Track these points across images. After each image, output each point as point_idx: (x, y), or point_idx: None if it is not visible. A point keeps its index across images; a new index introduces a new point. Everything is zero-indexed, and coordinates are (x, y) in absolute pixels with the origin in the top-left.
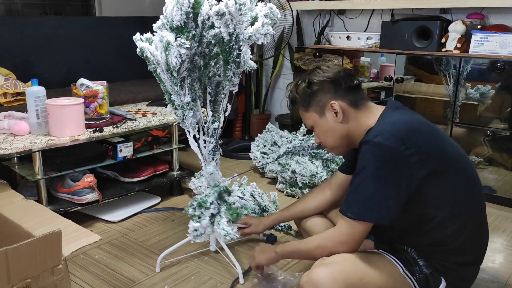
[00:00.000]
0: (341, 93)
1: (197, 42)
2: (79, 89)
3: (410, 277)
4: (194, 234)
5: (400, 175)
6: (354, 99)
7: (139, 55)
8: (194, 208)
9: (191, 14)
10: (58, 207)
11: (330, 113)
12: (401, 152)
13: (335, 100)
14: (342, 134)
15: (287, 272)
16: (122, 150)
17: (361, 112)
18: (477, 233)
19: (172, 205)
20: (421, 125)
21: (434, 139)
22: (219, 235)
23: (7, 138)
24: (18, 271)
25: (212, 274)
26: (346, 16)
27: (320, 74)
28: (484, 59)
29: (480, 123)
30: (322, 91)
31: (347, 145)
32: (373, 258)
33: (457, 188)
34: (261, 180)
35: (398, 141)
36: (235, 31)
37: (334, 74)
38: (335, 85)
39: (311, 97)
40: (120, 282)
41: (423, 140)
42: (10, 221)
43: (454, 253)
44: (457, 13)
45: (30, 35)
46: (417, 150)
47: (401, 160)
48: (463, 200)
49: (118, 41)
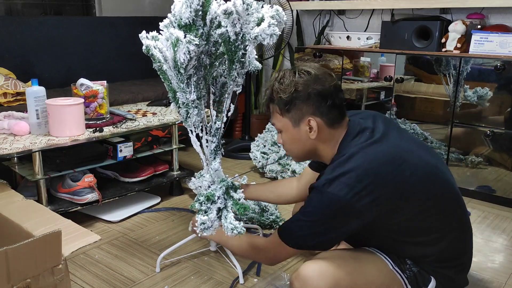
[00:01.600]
0: (323, 109)
1: (205, 41)
2: (79, 89)
3: (400, 274)
4: (202, 227)
5: (345, 221)
6: (333, 118)
7: (145, 52)
8: (201, 202)
9: (200, 12)
10: (58, 207)
11: (305, 127)
12: (348, 201)
13: (314, 117)
14: (310, 149)
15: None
16: (122, 150)
17: (334, 133)
18: (459, 242)
19: (172, 205)
20: (379, 162)
21: (394, 175)
22: (227, 229)
23: (7, 138)
24: (18, 271)
25: (212, 274)
26: (346, 16)
27: (309, 82)
28: (484, 59)
29: (480, 123)
30: (305, 103)
31: (310, 157)
32: (362, 255)
33: (428, 215)
34: (261, 180)
35: (345, 190)
36: (241, 31)
37: (324, 89)
38: (320, 100)
39: (291, 105)
40: (120, 282)
41: (376, 182)
42: (10, 221)
43: (438, 261)
44: (457, 13)
45: (30, 35)
46: (369, 192)
47: (347, 208)
48: (436, 224)
49: (118, 41)
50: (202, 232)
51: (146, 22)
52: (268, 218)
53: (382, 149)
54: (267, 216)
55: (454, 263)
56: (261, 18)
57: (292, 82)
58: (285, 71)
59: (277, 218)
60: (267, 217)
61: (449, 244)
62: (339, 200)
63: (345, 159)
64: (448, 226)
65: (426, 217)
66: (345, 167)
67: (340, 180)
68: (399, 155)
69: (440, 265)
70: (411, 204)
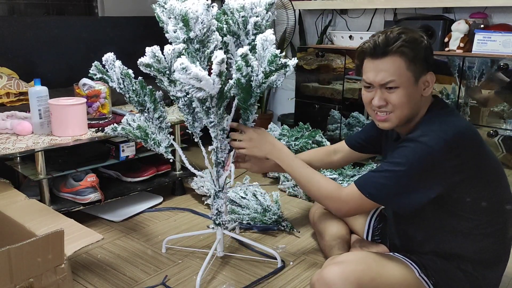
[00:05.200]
0: (434, 68)
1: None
2: (81, 89)
3: (426, 281)
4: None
5: (432, 178)
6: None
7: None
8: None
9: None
10: (61, 207)
11: (422, 83)
12: (440, 156)
13: (431, 72)
14: (416, 110)
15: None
16: (125, 149)
17: (429, 96)
18: (499, 245)
19: (174, 205)
20: (467, 130)
21: (476, 146)
22: None
23: (10, 138)
24: (20, 270)
25: (214, 274)
26: (348, 15)
27: (425, 39)
28: (487, 59)
29: (483, 122)
30: (427, 56)
31: (403, 123)
32: (387, 260)
33: (490, 196)
34: (264, 180)
35: (441, 143)
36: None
37: (432, 49)
38: (433, 58)
39: (420, 53)
40: (122, 282)
41: (466, 145)
42: (13, 220)
43: (472, 262)
44: (460, 13)
45: (32, 35)
46: (457, 154)
47: (437, 163)
48: (493, 209)
49: (120, 41)
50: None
51: (148, 22)
52: (270, 218)
53: (470, 124)
54: (269, 216)
55: (491, 266)
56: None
57: (418, 35)
58: (390, 28)
59: (280, 218)
60: (270, 216)
61: (491, 245)
62: (432, 153)
63: (443, 118)
64: (497, 223)
65: (489, 203)
66: (443, 125)
67: (438, 134)
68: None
69: (474, 266)
70: (482, 181)
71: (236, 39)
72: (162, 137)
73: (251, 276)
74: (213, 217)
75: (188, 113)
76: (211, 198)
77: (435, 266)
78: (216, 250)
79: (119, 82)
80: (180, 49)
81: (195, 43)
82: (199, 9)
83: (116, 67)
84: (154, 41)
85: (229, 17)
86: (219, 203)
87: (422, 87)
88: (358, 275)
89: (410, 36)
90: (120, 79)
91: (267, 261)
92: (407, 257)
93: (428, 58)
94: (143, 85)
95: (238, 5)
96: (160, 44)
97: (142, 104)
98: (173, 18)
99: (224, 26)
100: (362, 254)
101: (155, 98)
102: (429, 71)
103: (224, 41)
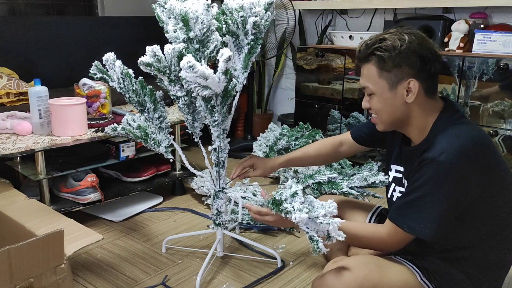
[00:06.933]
0: (423, 74)
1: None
2: (81, 89)
3: (428, 284)
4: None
5: (457, 192)
6: (430, 86)
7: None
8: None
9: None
10: (61, 207)
11: (402, 90)
12: (463, 170)
13: (415, 79)
14: (401, 116)
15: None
16: (125, 149)
17: (429, 102)
18: (508, 248)
19: (174, 205)
20: (483, 139)
21: (493, 155)
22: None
23: (10, 138)
24: (20, 270)
25: (214, 274)
26: (348, 15)
27: (414, 42)
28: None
29: (483, 122)
30: (407, 63)
31: (395, 127)
32: (389, 264)
33: (501, 206)
34: (264, 180)
35: (462, 158)
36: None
37: (428, 53)
38: (423, 64)
39: (392, 64)
40: (122, 282)
41: (484, 157)
42: (13, 220)
43: (479, 267)
44: (460, 13)
45: (32, 35)
46: (478, 166)
47: (461, 177)
48: (502, 217)
49: (120, 41)
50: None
51: (148, 22)
52: None
53: (483, 131)
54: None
55: (496, 270)
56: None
57: (396, 41)
58: (386, 31)
59: None
60: None
61: (498, 252)
62: (453, 167)
63: (457, 127)
64: (506, 229)
65: (501, 212)
66: (461, 138)
67: (457, 151)
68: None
69: (479, 270)
70: (500, 191)
71: (235, 39)
72: (162, 137)
73: (251, 276)
74: (213, 217)
75: (188, 113)
76: (211, 198)
77: (438, 269)
78: (216, 250)
79: (119, 82)
80: (181, 48)
81: (195, 43)
82: (199, 9)
83: (117, 67)
84: (154, 41)
85: (228, 17)
86: (219, 203)
87: (402, 93)
88: (359, 282)
89: (390, 43)
90: (120, 79)
91: (267, 261)
92: (409, 260)
93: (413, 64)
94: (143, 85)
95: (237, 5)
96: (160, 44)
97: (142, 104)
98: (173, 18)
99: (223, 26)
100: (363, 259)
101: (155, 98)
102: (411, 78)
103: (223, 41)
